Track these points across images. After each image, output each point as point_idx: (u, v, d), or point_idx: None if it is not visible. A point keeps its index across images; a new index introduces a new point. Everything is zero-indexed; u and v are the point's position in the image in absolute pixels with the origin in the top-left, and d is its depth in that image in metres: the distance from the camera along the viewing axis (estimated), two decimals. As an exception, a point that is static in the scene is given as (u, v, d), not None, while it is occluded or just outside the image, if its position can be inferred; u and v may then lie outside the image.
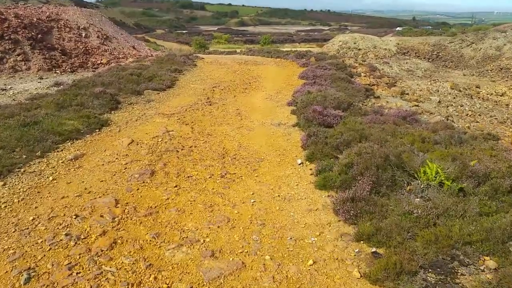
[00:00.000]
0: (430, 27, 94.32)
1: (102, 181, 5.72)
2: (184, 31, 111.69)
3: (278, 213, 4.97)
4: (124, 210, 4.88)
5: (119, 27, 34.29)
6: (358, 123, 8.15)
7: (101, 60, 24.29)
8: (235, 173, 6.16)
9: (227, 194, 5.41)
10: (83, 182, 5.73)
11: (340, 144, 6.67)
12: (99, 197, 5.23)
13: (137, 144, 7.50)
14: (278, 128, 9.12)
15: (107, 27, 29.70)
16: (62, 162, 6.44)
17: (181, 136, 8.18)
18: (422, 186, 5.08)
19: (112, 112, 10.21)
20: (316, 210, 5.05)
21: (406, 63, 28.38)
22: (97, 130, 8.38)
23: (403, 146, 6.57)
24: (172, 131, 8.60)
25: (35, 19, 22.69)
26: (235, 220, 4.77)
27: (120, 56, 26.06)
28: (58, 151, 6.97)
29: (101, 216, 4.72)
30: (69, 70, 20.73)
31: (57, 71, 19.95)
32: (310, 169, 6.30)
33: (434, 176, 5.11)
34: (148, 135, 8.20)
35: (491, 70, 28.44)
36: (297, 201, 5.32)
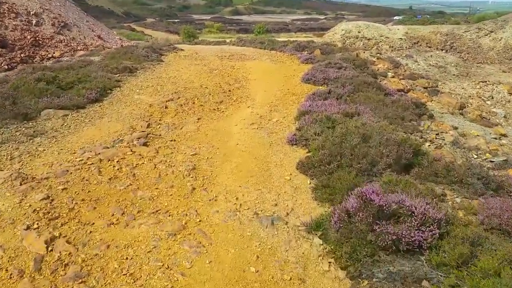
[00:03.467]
0: (428, 16, 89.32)
1: None
2: (176, 20, 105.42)
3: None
4: None
5: (86, 14, 28.51)
6: (496, 258, 2.72)
7: (53, 53, 18.78)
8: None
9: None
10: None
11: None
12: None
13: None
14: (271, 236, 3.67)
15: (68, 13, 24.08)
16: None
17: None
18: None
19: None
20: None
21: (431, 56, 22.95)
22: None
23: None
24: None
25: (-35, 3, 17.13)
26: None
27: (79, 48, 20.59)
28: None
29: None
30: (5, 67, 15.19)
31: (-12, 69, 14.44)
32: None
33: None
34: None
35: (536, 66, 23.15)
36: None
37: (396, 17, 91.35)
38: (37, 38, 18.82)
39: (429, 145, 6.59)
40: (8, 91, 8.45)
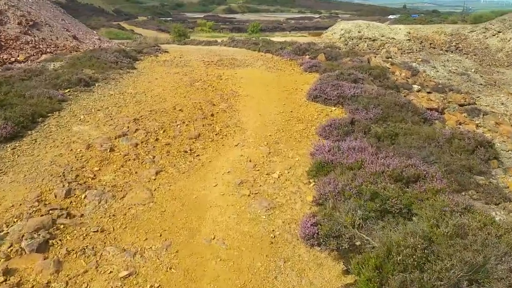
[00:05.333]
0: (423, 15, 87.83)
1: None
2: (168, 18, 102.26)
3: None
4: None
5: (63, 11, 25.39)
6: None
7: (17, 56, 15.76)
8: None
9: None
10: None
11: None
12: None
13: None
14: None
15: (41, 11, 20.99)
16: None
17: None
18: None
19: None
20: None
21: (447, 60, 20.33)
22: None
23: None
24: None
25: None
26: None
27: (48, 50, 17.55)
28: None
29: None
30: (-51, 74, 12.17)
31: None
32: None
33: None
34: None
35: None
36: None
37: (391, 16, 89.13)
38: (-2, 39, 15.86)
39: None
40: None
